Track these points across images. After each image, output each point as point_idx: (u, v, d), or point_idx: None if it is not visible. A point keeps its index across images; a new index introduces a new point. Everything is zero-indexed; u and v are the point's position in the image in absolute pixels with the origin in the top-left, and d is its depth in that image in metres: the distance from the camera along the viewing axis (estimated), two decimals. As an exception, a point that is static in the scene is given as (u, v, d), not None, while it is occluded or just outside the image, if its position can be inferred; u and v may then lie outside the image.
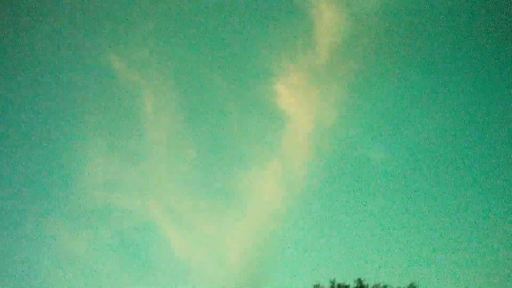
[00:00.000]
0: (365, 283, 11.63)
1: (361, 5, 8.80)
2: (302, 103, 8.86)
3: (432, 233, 8.33)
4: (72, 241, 8.74)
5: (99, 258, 8.80)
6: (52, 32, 9.36)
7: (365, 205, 8.28)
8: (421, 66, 8.72)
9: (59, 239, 8.63)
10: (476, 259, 8.37)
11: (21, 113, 8.74)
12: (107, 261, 8.82)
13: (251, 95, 8.53)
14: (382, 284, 11.72)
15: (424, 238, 8.34)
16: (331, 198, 8.15)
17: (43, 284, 8.41)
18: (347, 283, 11.82)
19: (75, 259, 8.77)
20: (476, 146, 8.56)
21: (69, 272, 8.66)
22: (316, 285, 12.12)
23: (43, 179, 8.62)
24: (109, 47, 9.36)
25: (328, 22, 9.21)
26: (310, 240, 8.49)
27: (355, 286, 11.70)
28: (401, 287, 11.06)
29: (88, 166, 8.86)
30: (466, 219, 8.38)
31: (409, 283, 11.52)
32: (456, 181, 8.26)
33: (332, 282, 11.99)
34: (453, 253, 8.33)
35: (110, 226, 8.78)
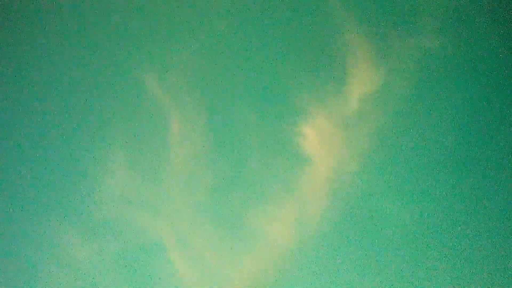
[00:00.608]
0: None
1: (397, 59, 8.90)
2: (325, 147, 8.94)
3: None
4: (79, 248, 8.83)
5: (104, 270, 8.86)
6: (87, 46, 9.64)
7: (377, 258, 8.21)
8: (450, 131, 8.73)
9: (65, 243, 8.74)
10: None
11: (48, 121, 8.98)
12: (110, 274, 8.87)
13: (276, 133, 8.63)
14: None
15: None
16: (342, 247, 8.11)
17: (42, 284, 8.50)
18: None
19: (80, 268, 8.84)
20: (500, 208, 8.49)
21: (71, 277, 8.73)
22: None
23: (59, 183, 8.80)
24: (143, 66, 9.58)
25: (362, 73, 9.33)
26: (316, 286, 8.44)
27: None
28: None
29: (106, 178, 9.01)
30: (487, 278, 8.26)
31: None
32: (476, 241, 8.19)
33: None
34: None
35: (118, 240, 8.86)
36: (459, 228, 8.41)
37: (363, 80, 8.73)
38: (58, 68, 9.31)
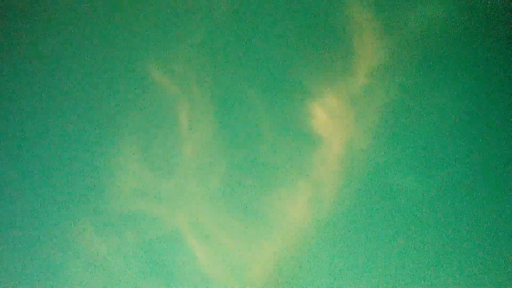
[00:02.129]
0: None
1: (402, 31, 8.78)
2: (336, 125, 8.88)
3: (469, 263, 8.14)
4: (99, 243, 8.91)
5: (124, 263, 8.93)
6: (94, 40, 9.66)
7: (393, 233, 8.17)
8: (460, 99, 8.62)
9: (85, 240, 8.83)
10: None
11: (58, 118, 9.07)
12: (131, 267, 8.93)
13: (285, 115, 8.61)
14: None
15: (460, 269, 8.16)
16: (359, 223, 8.09)
17: (64, 281, 8.60)
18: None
19: (100, 261, 8.92)
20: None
21: (92, 272, 8.81)
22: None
23: (75, 180, 8.90)
24: (150, 58, 9.58)
25: (367, 47, 9.22)
26: (336, 264, 8.44)
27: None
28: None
29: (120, 173, 9.07)
30: (506, 254, 8.17)
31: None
32: (494, 212, 8.11)
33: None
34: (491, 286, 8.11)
35: (137, 233, 8.93)
36: (475, 197, 8.30)
37: (369, 55, 8.63)
38: (65, 68, 9.34)
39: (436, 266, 8.02)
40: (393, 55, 8.65)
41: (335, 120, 8.52)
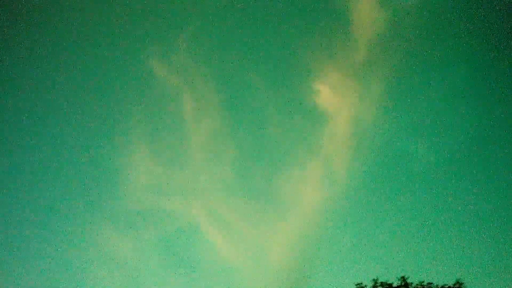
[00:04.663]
0: (409, 281, 11.56)
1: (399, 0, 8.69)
2: (341, 100, 8.85)
3: (478, 228, 8.18)
4: (118, 243, 8.99)
5: (145, 260, 9.02)
6: (93, 38, 9.59)
7: (407, 201, 8.22)
8: (462, 61, 8.55)
9: (105, 241, 8.91)
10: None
11: (66, 118, 9.05)
12: (152, 263, 9.03)
13: (290, 95, 8.62)
14: (426, 282, 11.63)
15: (469, 234, 8.20)
16: (373, 195, 8.15)
17: (89, 284, 8.67)
18: (390, 281, 11.78)
19: (121, 261, 9.01)
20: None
21: (115, 274, 8.89)
22: (359, 284, 12.11)
23: (89, 183, 8.93)
24: (150, 52, 9.54)
25: (366, 18, 9.14)
26: (352, 238, 8.48)
27: (399, 284, 11.66)
28: (446, 285, 10.97)
29: (133, 170, 9.11)
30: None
31: (455, 280, 11.38)
32: (503, 177, 8.10)
33: (375, 281, 11.98)
34: (501, 249, 8.16)
35: (154, 228, 9.01)
36: (485, 158, 8.33)
37: (368, 24, 8.59)
38: (71, 70, 9.33)
39: (448, 231, 8.08)
40: (393, 23, 8.62)
41: (340, 96, 8.53)
